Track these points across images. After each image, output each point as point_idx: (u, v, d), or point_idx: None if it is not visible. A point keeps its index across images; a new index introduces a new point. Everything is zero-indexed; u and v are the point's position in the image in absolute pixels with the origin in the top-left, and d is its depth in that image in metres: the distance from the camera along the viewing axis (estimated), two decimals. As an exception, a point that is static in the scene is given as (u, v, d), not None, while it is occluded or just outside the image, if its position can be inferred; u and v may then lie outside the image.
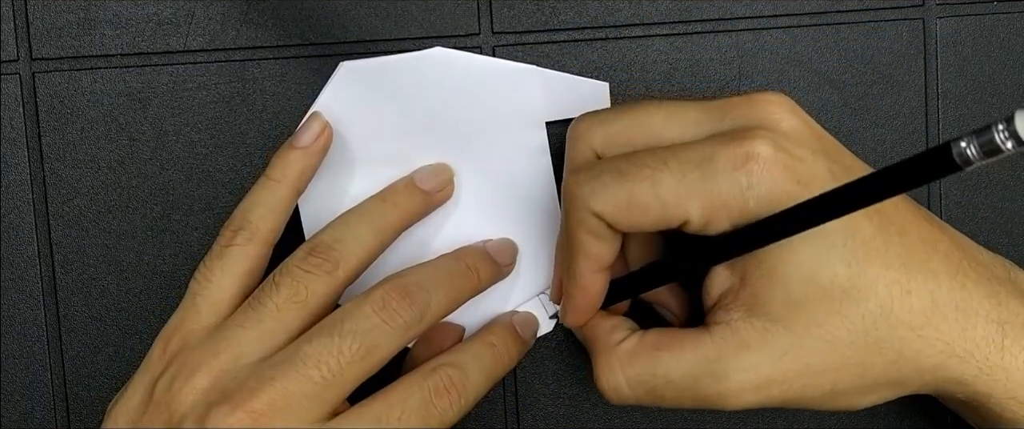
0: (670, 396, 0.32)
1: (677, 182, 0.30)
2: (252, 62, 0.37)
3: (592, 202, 0.31)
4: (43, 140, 0.37)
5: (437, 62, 0.36)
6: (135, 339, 0.38)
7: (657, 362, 0.32)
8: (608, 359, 0.33)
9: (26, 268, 0.38)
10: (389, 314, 0.32)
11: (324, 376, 0.31)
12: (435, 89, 0.36)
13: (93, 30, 0.37)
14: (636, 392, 0.33)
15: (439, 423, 0.32)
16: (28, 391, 0.38)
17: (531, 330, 0.37)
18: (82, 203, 0.38)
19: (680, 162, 0.31)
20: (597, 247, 0.32)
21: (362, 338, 0.31)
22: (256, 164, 0.38)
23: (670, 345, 0.32)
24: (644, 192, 0.31)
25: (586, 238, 0.32)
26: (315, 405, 0.31)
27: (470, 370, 0.34)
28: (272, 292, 0.32)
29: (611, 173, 0.31)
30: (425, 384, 0.32)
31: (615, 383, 0.33)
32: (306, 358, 0.31)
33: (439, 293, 0.33)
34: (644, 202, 0.31)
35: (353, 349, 0.31)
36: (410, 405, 0.32)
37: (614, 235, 0.32)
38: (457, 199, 0.37)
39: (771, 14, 0.38)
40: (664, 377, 0.32)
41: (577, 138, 0.34)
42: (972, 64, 0.39)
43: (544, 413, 0.39)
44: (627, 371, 0.33)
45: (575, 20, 0.38)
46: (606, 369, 0.33)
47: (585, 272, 0.33)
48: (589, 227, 0.32)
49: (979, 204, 0.39)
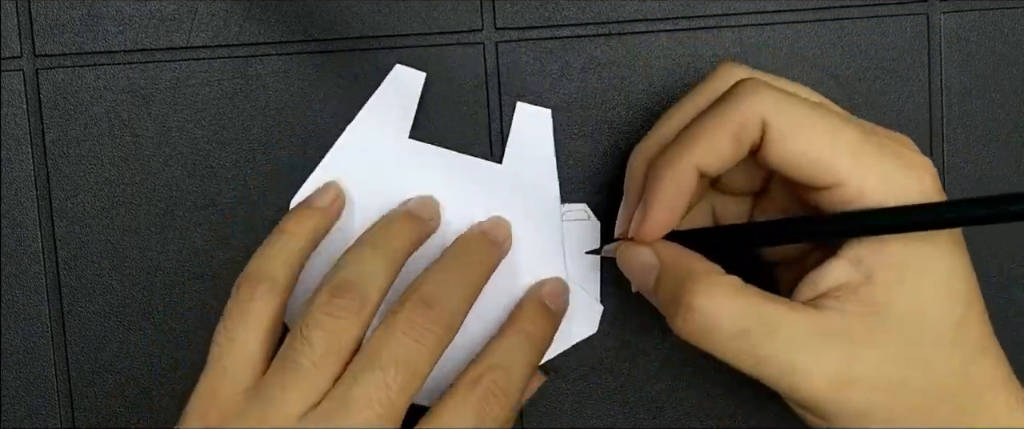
0: (762, 351, 0.30)
1: (856, 141, 0.30)
2: (255, 58, 0.37)
3: (770, 107, 0.30)
4: (46, 136, 0.38)
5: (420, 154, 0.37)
6: (139, 335, 0.38)
7: (771, 309, 0.30)
8: (709, 284, 0.30)
9: (30, 264, 0.38)
10: (421, 334, 0.32)
11: (378, 413, 0.31)
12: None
13: (96, 26, 0.37)
14: (731, 328, 0.30)
15: (492, 426, 0.32)
16: (32, 387, 0.38)
17: (562, 299, 0.37)
18: (85, 199, 0.38)
19: (864, 132, 0.30)
20: (724, 146, 0.30)
21: (403, 366, 0.32)
22: (259, 160, 0.38)
23: (783, 301, 0.30)
24: (824, 132, 0.30)
25: (724, 132, 0.30)
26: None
27: (512, 366, 0.33)
28: (306, 349, 0.32)
29: (802, 99, 0.30)
30: (473, 395, 0.32)
31: (714, 308, 0.30)
32: (358, 401, 0.31)
33: (457, 293, 0.33)
34: (818, 140, 0.30)
35: (398, 380, 0.31)
36: (464, 415, 0.32)
37: (743, 152, 0.31)
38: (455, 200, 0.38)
39: (774, 9, 0.38)
40: (772, 326, 0.30)
41: (754, 79, 0.32)
42: (976, 59, 0.39)
43: (548, 409, 0.39)
44: (735, 302, 0.30)
45: (578, 16, 0.38)
46: (704, 294, 0.30)
47: (688, 166, 0.31)
48: (741, 126, 0.30)
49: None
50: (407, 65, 0.38)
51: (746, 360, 0.30)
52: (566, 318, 0.38)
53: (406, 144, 0.37)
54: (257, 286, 0.33)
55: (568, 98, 0.38)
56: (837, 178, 0.30)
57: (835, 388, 0.30)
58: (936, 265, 0.30)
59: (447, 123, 0.38)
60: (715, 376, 0.39)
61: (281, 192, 0.38)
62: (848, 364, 0.30)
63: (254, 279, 0.33)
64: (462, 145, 0.38)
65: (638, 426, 0.39)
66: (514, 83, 0.38)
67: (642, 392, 0.39)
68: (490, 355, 0.34)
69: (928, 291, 0.30)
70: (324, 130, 0.38)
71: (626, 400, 0.39)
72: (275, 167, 0.38)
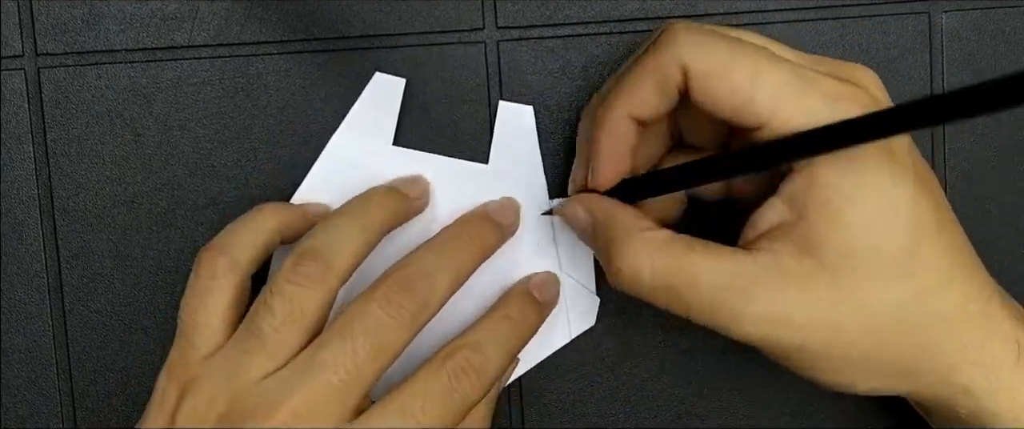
0: (687, 300, 0.31)
1: (777, 81, 0.30)
2: (256, 57, 0.37)
3: (688, 52, 0.30)
4: (48, 135, 0.38)
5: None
6: (141, 334, 0.38)
7: (690, 260, 0.31)
8: (633, 242, 0.32)
9: (31, 263, 0.38)
10: (395, 309, 0.32)
11: (342, 379, 0.31)
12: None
13: (98, 25, 0.37)
14: (655, 283, 0.31)
15: (463, 406, 0.32)
16: (34, 386, 0.38)
17: (551, 291, 0.37)
18: (87, 198, 0.38)
19: (785, 68, 0.30)
20: (652, 96, 0.31)
21: (373, 336, 0.31)
22: (261, 159, 0.38)
23: (705, 250, 0.31)
24: (744, 71, 0.30)
25: (649, 82, 0.31)
26: (337, 408, 0.31)
27: (487, 347, 0.33)
28: (268, 315, 0.32)
29: (723, 40, 0.31)
30: (443, 370, 0.32)
31: (637, 267, 0.31)
32: (323, 364, 0.31)
33: (442, 274, 0.33)
34: (737, 81, 0.30)
35: (366, 348, 0.31)
36: (431, 393, 0.32)
37: (672, 100, 0.31)
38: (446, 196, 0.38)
39: (775, 8, 0.38)
40: (692, 277, 0.31)
41: (675, 25, 0.33)
42: (978, 58, 0.39)
43: (549, 408, 0.39)
44: (655, 258, 0.31)
45: (579, 15, 0.38)
46: (630, 251, 0.31)
47: (620, 116, 0.32)
48: (664, 74, 0.31)
49: (985, 198, 0.39)
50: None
51: (677, 309, 0.31)
52: (564, 312, 0.38)
53: (391, 150, 0.37)
54: (219, 258, 0.33)
55: (569, 97, 0.38)
56: (760, 119, 0.30)
57: (771, 327, 0.31)
58: (869, 200, 0.30)
59: (448, 122, 0.38)
60: (716, 375, 0.39)
61: (282, 191, 0.38)
62: (783, 307, 0.30)
63: (216, 250, 0.34)
64: (462, 144, 0.38)
65: (639, 425, 0.39)
66: (515, 82, 0.38)
67: (643, 391, 0.39)
68: (468, 334, 0.34)
69: (861, 226, 0.30)
70: (325, 129, 0.38)
71: (627, 399, 0.39)
72: (277, 166, 0.38)
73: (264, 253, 0.35)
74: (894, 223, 0.30)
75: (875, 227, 0.30)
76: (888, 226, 0.30)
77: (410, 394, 0.32)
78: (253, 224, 0.35)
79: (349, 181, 0.37)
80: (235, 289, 0.33)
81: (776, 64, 0.30)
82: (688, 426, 0.39)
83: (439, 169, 0.38)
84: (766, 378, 0.40)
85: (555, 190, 0.38)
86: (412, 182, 0.37)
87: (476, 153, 0.38)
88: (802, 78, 0.30)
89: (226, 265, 0.33)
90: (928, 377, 0.32)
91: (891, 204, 0.30)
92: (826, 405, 0.40)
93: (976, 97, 0.24)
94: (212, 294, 0.33)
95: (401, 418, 0.31)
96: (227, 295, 0.33)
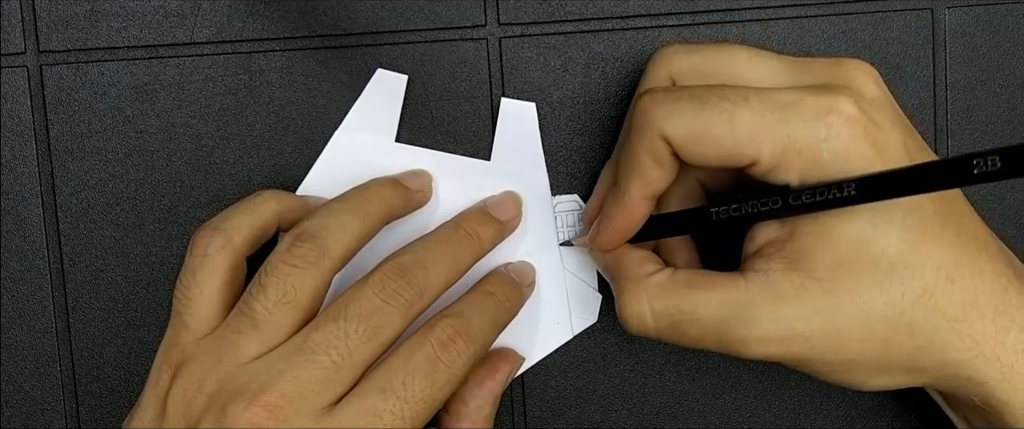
0: (693, 334, 0.32)
1: (755, 120, 0.30)
2: (258, 54, 0.38)
3: (665, 125, 0.31)
4: (51, 133, 0.38)
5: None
6: (143, 330, 0.38)
7: (687, 298, 0.32)
8: (636, 288, 0.33)
9: (34, 260, 0.38)
10: (389, 295, 0.32)
11: (334, 361, 0.31)
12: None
13: (100, 23, 0.37)
14: (659, 324, 0.33)
15: (449, 376, 0.32)
16: (36, 382, 0.38)
17: (528, 278, 0.37)
18: (90, 195, 0.38)
19: (762, 101, 0.30)
20: (655, 172, 0.32)
21: (367, 320, 0.32)
22: (263, 155, 0.38)
23: (702, 284, 0.32)
24: (720, 124, 0.30)
25: (647, 160, 0.32)
26: (328, 389, 0.31)
27: (472, 316, 0.33)
28: (261, 296, 0.32)
29: (690, 99, 0.31)
30: (426, 341, 0.32)
31: (640, 313, 0.33)
32: (315, 346, 0.31)
33: (438, 266, 0.33)
34: (718, 134, 0.30)
35: (359, 331, 0.31)
36: (414, 365, 0.32)
37: (674, 164, 0.32)
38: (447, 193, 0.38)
39: (778, 5, 0.38)
40: (691, 314, 0.32)
41: (658, 62, 0.34)
42: (981, 55, 0.39)
43: (551, 407, 0.39)
44: (655, 303, 0.33)
45: (581, 11, 0.38)
46: (633, 298, 0.33)
47: (635, 195, 0.33)
48: (654, 150, 0.32)
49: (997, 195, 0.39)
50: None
51: (687, 344, 0.33)
52: (566, 309, 0.38)
53: (393, 147, 0.37)
54: (213, 236, 0.34)
55: (571, 93, 0.38)
56: (751, 157, 0.31)
57: (777, 346, 0.31)
58: (860, 212, 0.30)
59: (450, 119, 0.38)
60: (717, 373, 0.39)
61: (284, 187, 0.38)
62: (783, 325, 0.31)
63: (210, 229, 0.34)
64: (465, 141, 0.38)
65: (641, 422, 0.39)
66: (517, 79, 0.38)
67: (644, 388, 0.39)
68: (449, 307, 0.34)
69: (852, 237, 0.30)
70: (328, 126, 0.38)
71: (629, 396, 0.39)
72: (279, 162, 0.38)
73: (261, 236, 0.35)
74: (887, 229, 0.30)
75: (866, 235, 0.30)
76: (880, 232, 0.30)
77: (391, 368, 0.32)
78: (251, 206, 0.35)
79: (351, 177, 0.37)
80: (228, 268, 0.33)
81: (749, 102, 0.31)
82: (690, 424, 0.39)
83: (441, 165, 0.38)
84: (768, 376, 0.40)
85: (557, 187, 0.38)
86: (415, 175, 0.37)
87: (478, 150, 0.38)
88: (780, 106, 0.30)
89: (219, 243, 0.33)
90: (936, 372, 0.32)
91: (884, 213, 0.30)
92: (827, 403, 0.40)
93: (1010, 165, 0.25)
94: (204, 270, 0.33)
95: (381, 395, 0.31)
96: (220, 273, 0.33)
